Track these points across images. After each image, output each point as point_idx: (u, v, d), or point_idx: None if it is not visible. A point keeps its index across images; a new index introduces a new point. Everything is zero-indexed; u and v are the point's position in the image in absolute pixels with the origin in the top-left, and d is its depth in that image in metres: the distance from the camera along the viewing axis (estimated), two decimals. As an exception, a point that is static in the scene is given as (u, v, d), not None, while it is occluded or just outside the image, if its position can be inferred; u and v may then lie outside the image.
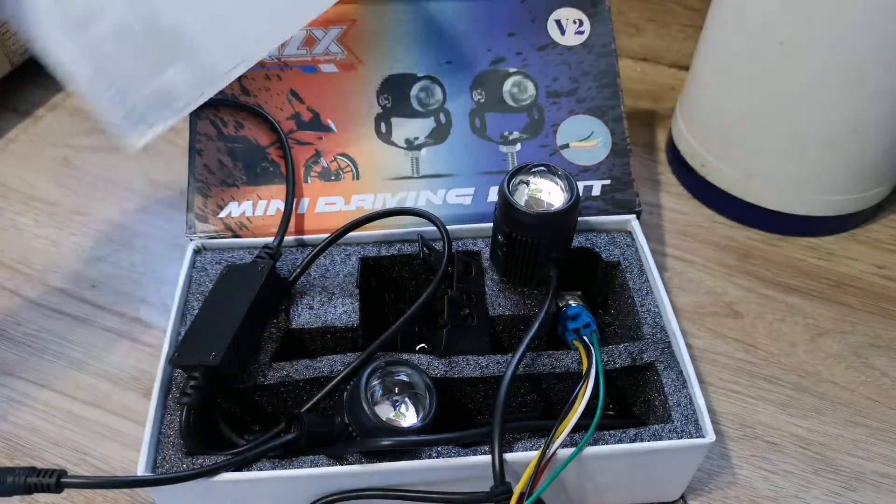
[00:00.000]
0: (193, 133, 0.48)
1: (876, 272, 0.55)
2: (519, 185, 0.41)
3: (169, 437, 0.37)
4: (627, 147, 0.49)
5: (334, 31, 0.50)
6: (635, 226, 0.47)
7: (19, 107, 0.68)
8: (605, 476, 0.38)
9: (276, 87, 0.49)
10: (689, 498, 0.42)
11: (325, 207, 0.47)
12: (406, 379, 0.37)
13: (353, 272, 0.44)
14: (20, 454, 0.44)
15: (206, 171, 0.47)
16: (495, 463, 0.34)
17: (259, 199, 0.47)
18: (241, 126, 0.49)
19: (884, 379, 0.48)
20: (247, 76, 0.49)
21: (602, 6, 0.51)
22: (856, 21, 0.45)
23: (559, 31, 0.51)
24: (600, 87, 0.50)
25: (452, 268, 0.43)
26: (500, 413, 0.35)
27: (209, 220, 0.47)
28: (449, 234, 0.42)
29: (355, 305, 0.42)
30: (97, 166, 0.62)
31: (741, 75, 0.52)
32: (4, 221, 0.58)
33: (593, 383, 0.37)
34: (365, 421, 0.35)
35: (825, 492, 0.43)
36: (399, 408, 0.36)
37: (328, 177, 0.48)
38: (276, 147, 0.48)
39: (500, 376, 0.38)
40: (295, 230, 0.46)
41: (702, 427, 0.37)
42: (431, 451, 0.36)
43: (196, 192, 0.47)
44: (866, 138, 0.50)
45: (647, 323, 0.42)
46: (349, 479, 0.35)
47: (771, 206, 0.56)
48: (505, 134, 0.49)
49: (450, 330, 0.40)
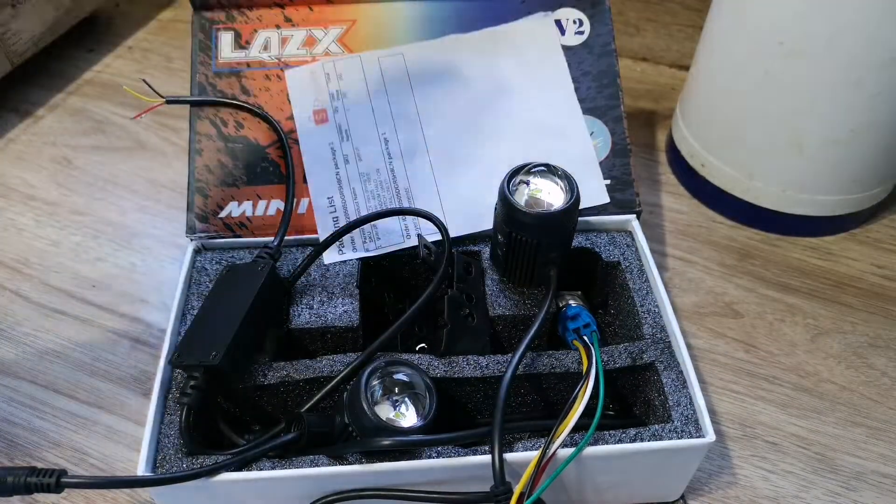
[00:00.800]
0: (193, 133, 0.48)
1: (876, 272, 0.55)
2: (519, 185, 0.41)
3: (169, 437, 0.37)
4: (627, 147, 0.49)
5: (334, 31, 0.50)
6: (635, 226, 0.46)
7: (19, 107, 0.68)
8: (606, 476, 0.38)
9: (275, 87, 0.49)
10: (690, 498, 0.42)
11: (325, 207, 0.47)
12: (406, 379, 0.37)
13: (353, 272, 0.44)
14: (20, 454, 0.44)
15: (206, 171, 0.47)
16: (495, 463, 0.34)
17: (259, 199, 0.47)
18: (241, 126, 0.49)
19: (884, 379, 0.48)
20: (247, 76, 0.49)
21: (602, 6, 0.51)
22: (855, 21, 0.45)
23: (559, 31, 0.51)
24: (600, 87, 0.50)
25: (452, 268, 0.43)
26: (500, 413, 0.35)
27: (209, 220, 0.47)
28: (449, 234, 0.42)
29: (355, 305, 0.42)
30: (97, 166, 0.62)
31: (741, 75, 0.52)
32: (4, 221, 0.58)
33: (593, 383, 0.37)
34: (365, 421, 0.35)
35: (825, 492, 0.43)
36: (399, 408, 0.36)
37: (328, 177, 0.48)
38: (276, 147, 0.48)
39: (500, 376, 0.38)
40: (295, 230, 0.46)
41: (702, 427, 0.37)
42: (431, 451, 0.36)
43: (196, 192, 0.47)
44: (865, 138, 0.50)
45: (648, 323, 0.42)
46: (349, 479, 0.35)
47: (771, 206, 0.56)
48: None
49: (450, 330, 0.40)
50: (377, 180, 0.47)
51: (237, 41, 0.50)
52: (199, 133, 0.48)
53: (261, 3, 0.50)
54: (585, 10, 0.51)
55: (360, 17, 0.50)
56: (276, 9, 0.50)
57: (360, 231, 0.45)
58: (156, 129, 0.66)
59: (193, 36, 0.50)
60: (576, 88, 0.50)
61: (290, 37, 0.50)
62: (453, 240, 0.44)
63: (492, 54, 0.50)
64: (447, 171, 0.48)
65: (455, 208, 0.47)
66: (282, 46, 0.50)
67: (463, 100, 0.49)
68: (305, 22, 0.50)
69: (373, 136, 0.48)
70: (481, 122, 0.49)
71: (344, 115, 0.48)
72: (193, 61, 0.49)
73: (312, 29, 0.50)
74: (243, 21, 0.50)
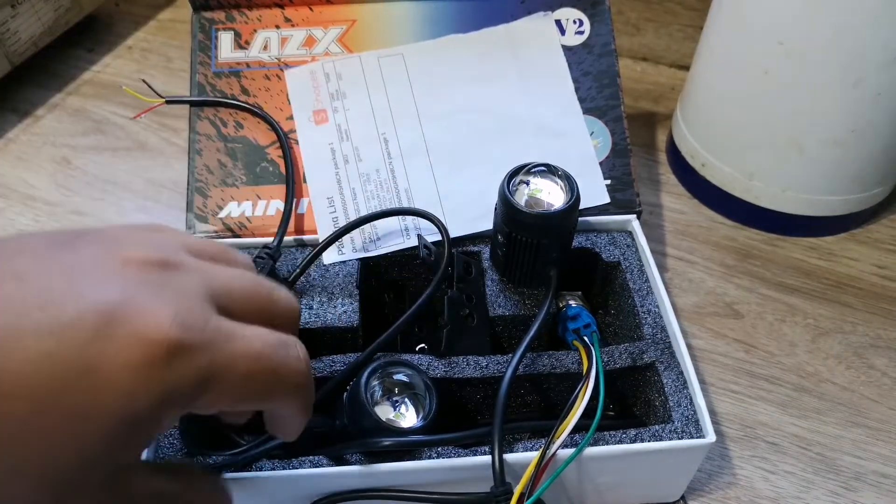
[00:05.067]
0: (193, 133, 0.48)
1: (876, 272, 0.55)
2: (519, 185, 0.41)
3: (168, 438, 0.37)
4: (628, 147, 0.49)
5: (334, 31, 0.50)
6: (636, 226, 0.46)
7: (19, 107, 0.68)
8: (606, 477, 0.38)
9: (275, 86, 0.49)
10: (690, 498, 0.42)
11: (325, 207, 0.47)
12: (406, 379, 0.37)
13: (353, 272, 0.44)
14: (20, 454, 0.43)
15: (206, 171, 0.47)
16: (495, 463, 0.34)
17: (259, 199, 0.47)
18: (240, 126, 0.49)
19: (884, 379, 0.48)
20: (246, 76, 0.49)
21: (602, 6, 0.51)
22: (855, 21, 0.45)
23: (559, 31, 0.51)
24: (600, 87, 0.50)
25: (452, 268, 0.43)
26: (500, 413, 0.35)
27: (209, 220, 0.47)
28: (448, 234, 0.42)
29: (355, 305, 0.42)
30: (97, 166, 0.62)
31: (741, 75, 0.52)
32: (4, 221, 0.58)
33: (593, 384, 0.37)
34: (365, 421, 0.35)
35: (825, 492, 0.43)
36: (399, 408, 0.36)
37: (328, 177, 0.48)
38: (275, 147, 0.48)
39: (500, 376, 0.38)
40: (295, 230, 0.46)
41: (702, 427, 0.37)
42: (431, 452, 0.36)
43: (196, 192, 0.47)
44: (865, 138, 0.50)
45: (648, 323, 0.42)
46: (349, 479, 0.35)
47: (771, 206, 0.56)
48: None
49: (450, 330, 0.40)
50: (377, 180, 0.47)
51: (237, 41, 0.50)
52: (198, 133, 0.48)
53: (261, 4, 0.50)
54: (585, 10, 0.51)
55: (360, 18, 0.50)
56: (276, 9, 0.50)
57: (360, 231, 0.45)
58: (155, 129, 0.66)
59: (193, 36, 0.50)
60: (576, 88, 0.50)
61: (289, 37, 0.50)
62: (453, 240, 0.44)
63: (492, 54, 0.50)
64: (447, 171, 0.48)
65: (455, 208, 0.47)
66: (281, 46, 0.50)
67: (463, 100, 0.49)
68: (305, 22, 0.50)
69: (373, 136, 0.48)
70: (481, 122, 0.49)
71: (344, 115, 0.48)
72: (193, 61, 0.49)
73: (312, 29, 0.50)
74: (243, 21, 0.50)
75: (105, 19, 0.78)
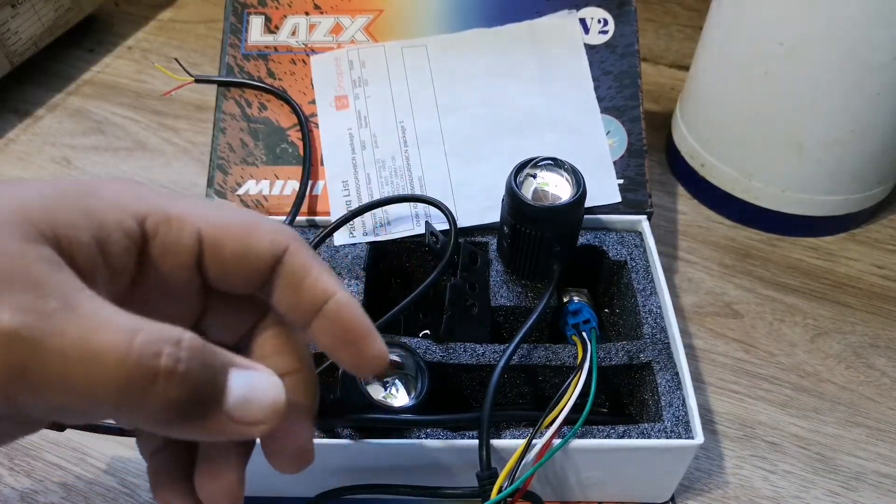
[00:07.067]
0: (219, 112, 0.50)
1: (876, 272, 0.55)
2: (526, 178, 0.41)
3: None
4: (643, 148, 0.49)
5: (361, 20, 0.51)
6: (645, 227, 0.46)
7: (19, 107, 0.68)
8: (593, 471, 0.38)
9: (300, 71, 0.51)
10: (688, 498, 0.42)
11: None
12: (398, 360, 0.38)
13: (362, 255, 0.44)
14: (20, 454, 0.44)
15: (229, 149, 0.49)
16: (482, 447, 0.34)
17: (276, 178, 0.49)
18: (264, 108, 0.50)
19: (884, 379, 0.48)
20: (273, 60, 0.51)
21: (629, 7, 0.51)
22: (855, 21, 0.45)
23: (583, 30, 0.51)
24: (621, 86, 0.50)
25: (458, 256, 0.43)
26: (490, 398, 0.35)
27: (227, 195, 0.48)
28: (456, 223, 0.43)
29: (360, 287, 0.43)
30: (97, 166, 0.62)
31: (741, 75, 0.52)
32: (4, 221, 0.58)
33: (585, 376, 0.37)
34: (355, 398, 0.35)
35: (825, 492, 0.43)
36: (389, 388, 0.37)
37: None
38: (296, 129, 0.49)
39: (496, 365, 0.38)
40: (308, 211, 0.48)
41: (692, 429, 0.37)
42: (421, 433, 0.36)
43: (217, 169, 0.49)
44: (865, 138, 0.50)
45: (648, 323, 0.42)
46: (339, 451, 0.36)
47: (771, 206, 0.56)
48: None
49: (450, 316, 0.40)
50: (392, 167, 0.48)
51: (267, 25, 0.51)
52: (224, 112, 0.50)
53: None
54: (611, 10, 0.51)
55: (387, 7, 0.51)
56: (307, -5, 0.52)
57: (372, 216, 0.46)
58: (155, 129, 0.66)
59: (226, 18, 0.52)
60: (596, 87, 0.50)
61: (317, 24, 0.51)
62: (463, 230, 0.45)
63: (514, 49, 0.50)
64: (461, 162, 0.48)
65: (467, 199, 0.47)
66: (309, 33, 0.51)
67: (482, 93, 0.50)
68: (334, 10, 0.51)
69: (391, 124, 0.49)
70: (498, 115, 0.49)
71: (364, 103, 0.49)
72: (224, 43, 0.51)
73: (340, 17, 0.51)
74: (274, 6, 0.52)
75: (105, 19, 0.78)
